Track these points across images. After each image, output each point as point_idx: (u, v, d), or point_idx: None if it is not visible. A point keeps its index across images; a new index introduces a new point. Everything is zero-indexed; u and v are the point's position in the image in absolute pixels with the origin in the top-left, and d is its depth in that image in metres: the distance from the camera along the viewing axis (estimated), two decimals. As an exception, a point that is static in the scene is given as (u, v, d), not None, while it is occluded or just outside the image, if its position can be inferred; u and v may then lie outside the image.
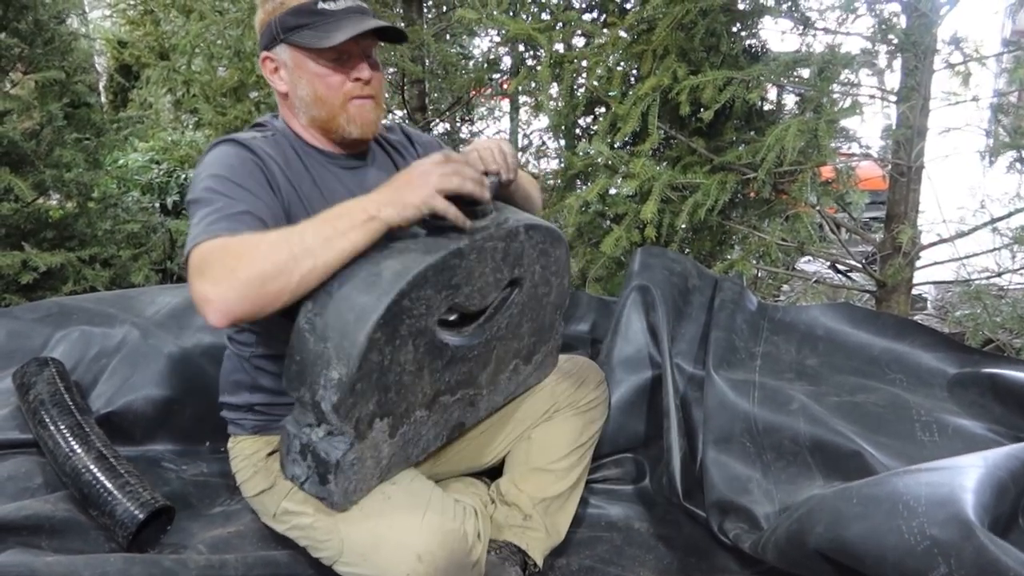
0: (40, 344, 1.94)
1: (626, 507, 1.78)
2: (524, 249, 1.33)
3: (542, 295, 1.45)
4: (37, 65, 3.18)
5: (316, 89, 1.37)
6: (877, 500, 1.13)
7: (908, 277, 2.79)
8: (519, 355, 1.49)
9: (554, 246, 1.41)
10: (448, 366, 1.30)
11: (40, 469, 1.58)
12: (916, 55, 2.55)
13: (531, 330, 1.48)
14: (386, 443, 1.27)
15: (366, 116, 1.40)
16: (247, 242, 1.11)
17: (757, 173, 2.54)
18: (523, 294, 1.38)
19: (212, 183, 1.24)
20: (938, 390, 1.81)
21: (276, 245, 1.09)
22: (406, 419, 1.28)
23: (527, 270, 1.37)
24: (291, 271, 1.07)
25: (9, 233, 3.06)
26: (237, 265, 1.07)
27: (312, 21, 1.33)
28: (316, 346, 1.14)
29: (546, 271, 1.42)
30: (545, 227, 1.37)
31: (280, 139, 1.41)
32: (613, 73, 2.88)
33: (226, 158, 1.30)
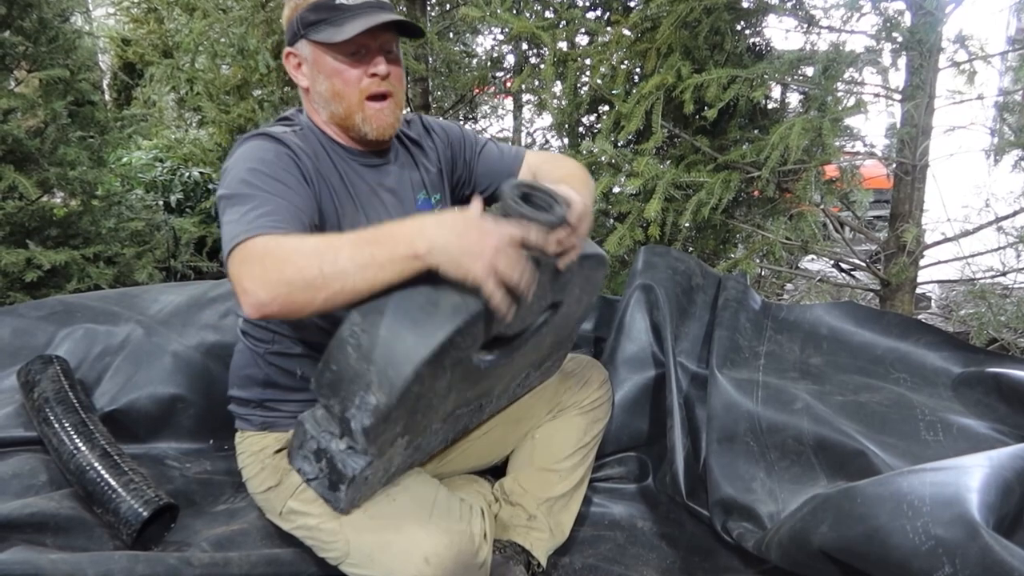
0: (44, 342, 1.94)
1: (629, 506, 1.78)
2: (572, 277, 1.30)
3: (573, 312, 1.44)
4: (41, 63, 3.18)
5: (333, 84, 1.37)
6: (881, 500, 1.12)
7: (912, 276, 2.78)
8: (533, 365, 1.49)
9: (597, 270, 1.39)
10: (475, 384, 1.29)
11: (44, 467, 1.59)
12: (921, 53, 2.54)
13: (553, 343, 1.47)
14: (400, 455, 1.27)
15: (383, 119, 1.39)
16: (285, 247, 1.10)
17: (761, 172, 2.54)
18: (558, 315, 1.36)
19: (249, 176, 1.23)
20: (942, 389, 1.81)
21: (310, 258, 1.06)
22: (423, 434, 1.28)
23: (569, 294, 1.35)
24: (318, 288, 1.06)
25: (13, 231, 3.06)
26: (272, 268, 1.07)
27: (329, 16, 1.33)
28: (358, 364, 1.10)
29: (583, 292, 1.41)
30: (596, 255, 1.35)
31: (307, 133, 1.41)
32: (617, 71, 2.87)
33: (261, 152, 1.29)
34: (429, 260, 1.06)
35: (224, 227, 1.18)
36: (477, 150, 1.61)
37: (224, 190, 1.25)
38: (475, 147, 1.61)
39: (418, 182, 1.52)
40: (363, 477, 1.22)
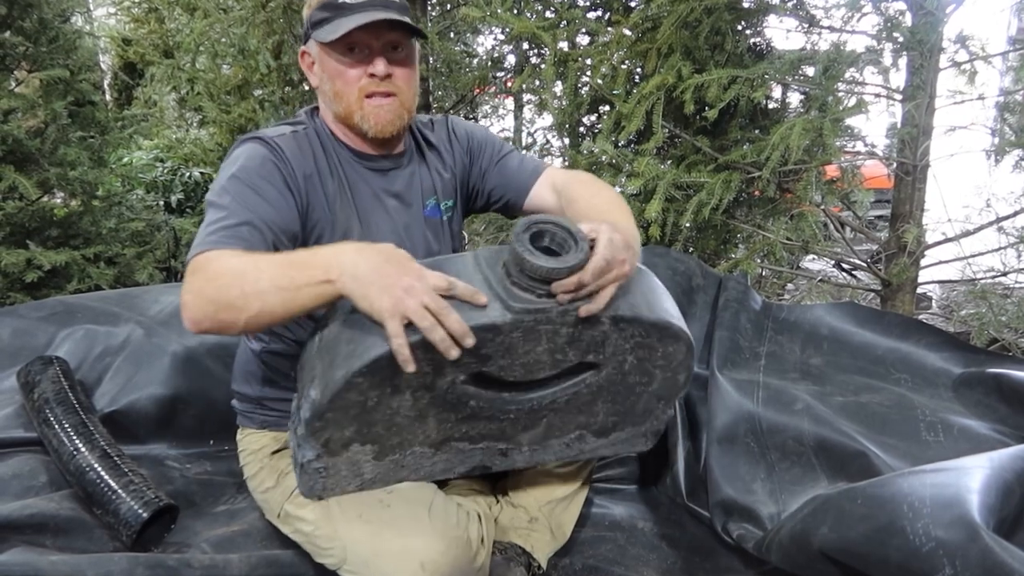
0: (45, 342, 1.94)
1: (630, 507, 1.78)
2: (608, 338, 1.15)
3: (635, 383, 1.27)
4: (42, 63, 3.18)
5: (335, 84, 1.36)
6: (882, 501, 1.12)
7: (913, 276, 2.78)
8: (588, 428, 1.34)
9: (664, 342, 1.20)
10: (467, 420, 1.23)
11: (44, 468, 1.58)
12: (922, 53, 2.54)
13: (610, 411, 1.32)
14: (369, 463, 1.24)
15: (381, 116, 1.37)
16: (217, 265, 1.11)
17: (762, 172, 2.54)
18: (602, 378, 1.23)
19: (227, 184, 1.26)
20: (943, 390, 1.81)
21: (233, 278, 1.08)
22: (400, 450, 1.24)
23: (610, 358, 1.20)
24: (240, 309, 1.07)
25: (14, 231, 3.06)
26: (204, 287, 1.10)
27: (332, 15, 1.33)
28: (311, 359, 1.12)
29: (645, 363, 1.23)
30: (650, 322, 1.16)
31: (312, 135, 1.40)
32: (617, 71, 2.87)
33: (246, 159, 1.29)
34: (340, 287, 1.04)
35: (202, 228, 1.21)
36: (496, 159, 1.56)
37: (208, 194, 1.28)
38: (494, 156, 1.56)
39: (429, 187, 1.50)
40: (313, 468, 1.20)
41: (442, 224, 1.53)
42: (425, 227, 1.49)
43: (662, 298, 1.21)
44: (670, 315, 1.20)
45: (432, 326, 1.00)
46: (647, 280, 1.22)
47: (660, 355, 1.23)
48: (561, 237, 1.09)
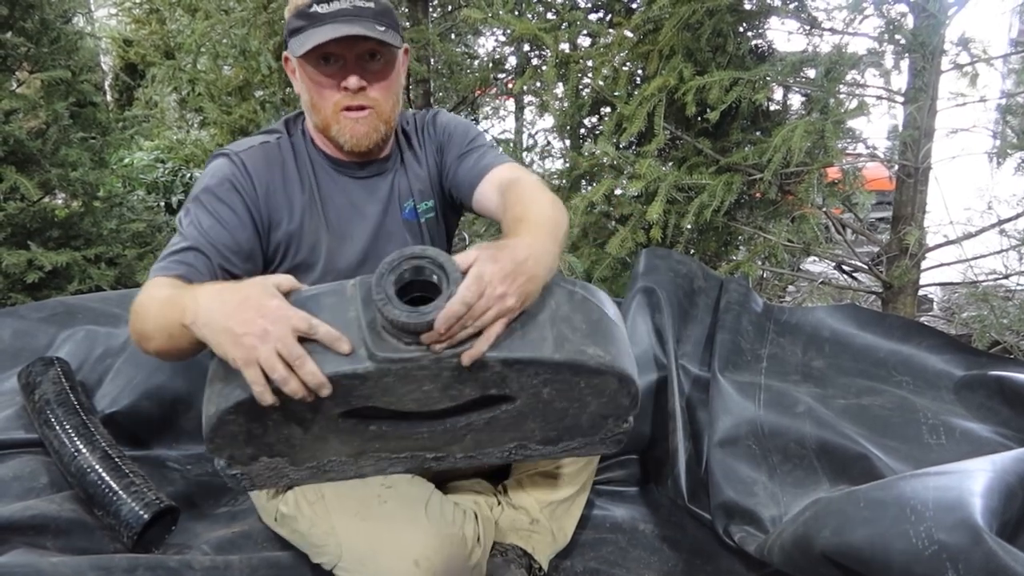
0: (45, 343, 1.94)
1: (631, 509, 1.78)
2: (507, 377, 1.03)
3: (565, 407, 1.14)
4: (43, 64, 3.19)
5: (311, 95, 1.34)
6: (884, 504, 1.12)
7: (915, 278, 2.78)
8: (526, 439, 1.23)
9: (581, 377, 1.06)
10: (376, 439, 1.16)
11: (45, 469, 1.58)
12: (924, 56, 2.54)
13: (546, 427, 1.20)
14: (288, 468, 1.21)
15: (357, 129, 1.33)
16: (140, 299, 1.16)
17: (763, 174, 2.53)
18: (518, 406, 1.10)
19: (190, 205, 1.30)
20: (945, 393, 1.80)
21: (137, 316, 1.14)
22: (315, 460, 1.20)
23: (522, 391, 1.07)
24: (146, 341, 1.14)
25: (15, 232, 3.06)
26: (134, 317, 1.16)
27: (306, 24, 1.28)
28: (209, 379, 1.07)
29: (570, 393, 1.10)
30: (554, 363, 1.01)
31: (285, 145, 1.38)
32: (619, 73, 2.87)
33: (210, 178, 1.32)
34: (196, 332, 1.01)
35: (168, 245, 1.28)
36: (459, 154, 1.48)
37: (181, 211, 1.33)
38: (460, 149, 1.48)
39: (406, 190, 1.47)
40: (231, 475, 1.17)
41: (420, 227, 1.49)
42: (405, 231, 1.47)
43: (581, 324, 1.05)
44: (585, 350, 1.03)
45: (284, 378, 0.93)
46: (563, 304, 1.06)
47: (584, 387, 1.08)
48: (431, 272, 0.98)
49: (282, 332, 0.93)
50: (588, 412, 1.16)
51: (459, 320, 0.94)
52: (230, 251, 1.27)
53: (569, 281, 1.10)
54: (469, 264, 0.97)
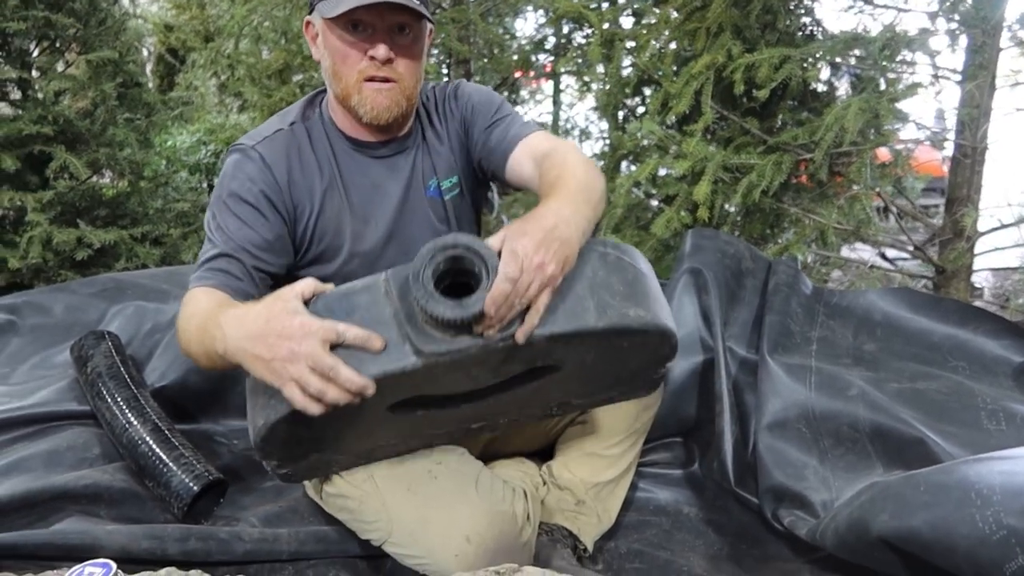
0: (96, 318, 1.97)
1: (676, 492, 1.76)
2: (553, 350, 1.04)
3: (607, 369, 1.16)
4: (91, 45, 3.23)
5: (334, 61, 1.29)
6: (947, 488, 1.09)
7: (968, 263, 2.70)
8: (569, 396, 1.27)
9: (624, 338, 1.06)
10: (423, 423, 1.17)
11: (98, 440, 1.61)
12: (984, 31, 2.45)
13: (587, 387, 1.24)
14: (339, 457, 1.22)
15: (378, 101, 1.28)
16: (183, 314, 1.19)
17: (813, 154, 2.47)
18: (567, 372, 1.11)
19: (215, 209, 1.31)
20: (1003, 379, 1.75)
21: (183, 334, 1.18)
22: (364, 448, 1.22)
23: (567, 359, 1.08)
24: (197, 360, 1.17)
25: (64, 211, 3.12)
26: (180, 335, 1.20)
27: None
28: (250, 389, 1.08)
29: (613, 354, 1.11)
30: (599, 330, 1.01)
31: (300, 131, 1.35)
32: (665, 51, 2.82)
33: (230, 180, 1.31)
34: (230, 358, 1.03)
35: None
36: (487, 126, 1.42)
37: (207, 214, 1.33)
38: (487, 120, 1.42)
39: (429, 168, 1.43)
40: (280, 473, 1.20)
41: (444, 205, 1.44)
42: (429, 210, 1.43)
43: (619, 287, 1.03)
44: (627, 313, 1.02)
45: (321, 390, 0.93)
46: (599, 269, 1.04)
47: (628, 347, 1.09)
48: (467, 260, 0.96)
49: (310, 348, 0.93)
50: (630, 368, 1.17)
51: (507, 299, 0.93)
52: (261, 250, 1.27)
53: (599, 242, 1.08)
54: (500, 244, 0.96)
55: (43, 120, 2.97)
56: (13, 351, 1.93)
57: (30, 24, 2.99)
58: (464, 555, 1.21)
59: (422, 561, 1.26)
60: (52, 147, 2.99)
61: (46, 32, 3.16)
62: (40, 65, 3.23)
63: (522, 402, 1.19)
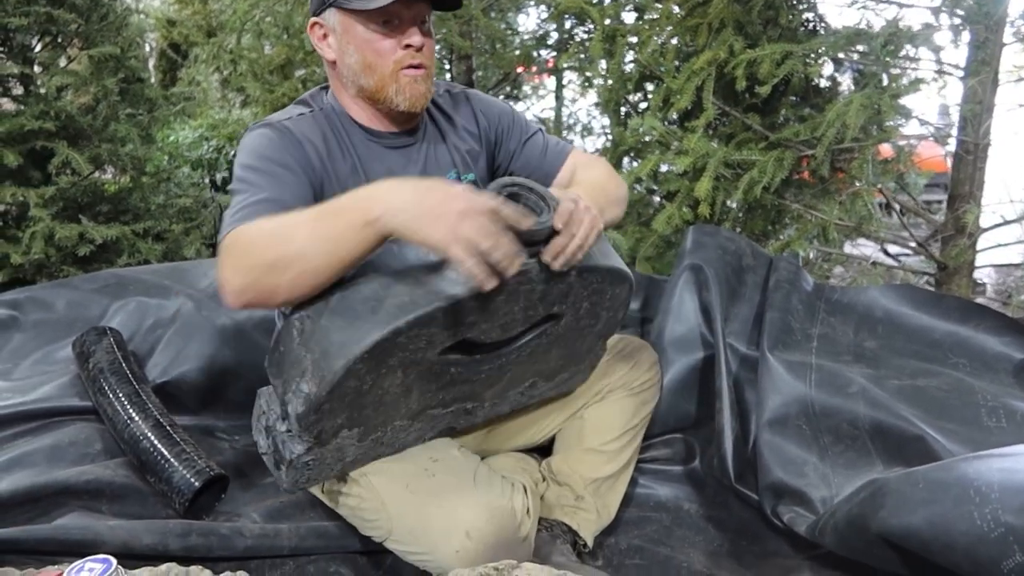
0: (98, 314, 1.98)
1: (676, 488, 1.76)
2: (572, 289, 1.21)
3: (585, 326, 1.34)
4: (93, 41, 3.23)
5: (365, 56, 1.30)
6: (946, 485, 1.09)
7: (971, 259, 2.69)
8: (540, 375, 1.40)
9: (614, 285, 1.28)
10: (445, 387, 1.24)
11: (100, 436, 1.62)
12: (987, 27, 2.44)
13: (562, 355, 1.38)
14: (353, 446, 1.24)
15: (416, 89, 1.32)
16: (249, 233, 1.09)
17: (815, 151, 2.47)
18: (561, 327, 1.27)
19: (242, 172, 1.24)
20: (1004, 375, 1.75)
21: (269, 239, 1.06)
22: (382, 428, 1.24)
23: (571, 306, 1.25)
24: (281, 269, 1.04)
25: (67, 206, 3.12)
26: (239, 256, 1.08)
27: None
28: (299, 350, 1.08)
29: (596, 307, 1.31)
30: (605, 268, 1.23)
31: (320, 117, 1.36)
32: (667, 47, 2.81)
33: (257, 145, 1.27)
34: (384, 225, 1.00)
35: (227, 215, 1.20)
36: (523, 139, 1.53)
37: (233, 183, 1.27)
38: (522, 135, 1.53)
39: (448, 161, 1.46)
40: (303, 463, 1.19)
41: None
42: None
43: (606, 244, 1.28)
44: (618, 259, 1.28)
45: (495, 244, 0.97)
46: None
47: (609, 297, 1.30)
48: (534, 201, 1.10)
49: (476, 210, 0.98)
50: (595, 331, 1.38)
51: (570, 217, 1.09)
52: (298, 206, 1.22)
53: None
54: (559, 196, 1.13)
55: (45, 116, 2.97)
56: (15, 347, 1.94)
57: (32, 19, 2.99)
58: (465, 551, 1.21)
59: (423, 558, 1.27)
60: (54, 143, 2.98)
61: (48, 27, 3.16)
62: (42, 60, 3.22)
63: (513, 371, 1.31)
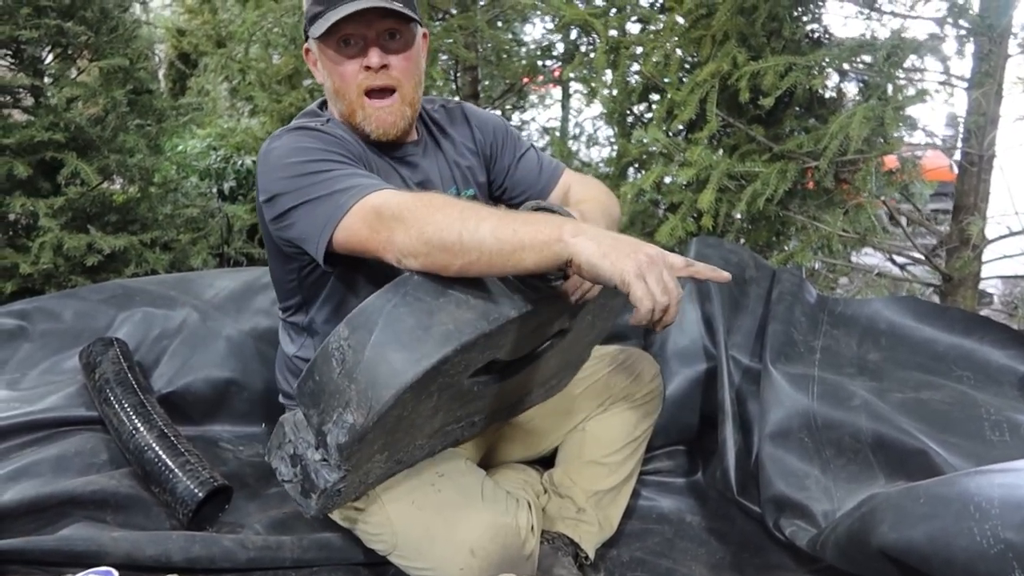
0: (105, 324, 1.99)
1: (678, 500, 1.77)
2: (582, 306, 1.23)
3: (583, 337, 1.39)
4: (102, 52, 3.26)
5: (334, 81, 1.32)
6: (946, 500, 1.09)
7: (976, 271, 2.68)
8: (536, 383, 1.44)
9: (613, 298, 1.31)
10: (464, 404, 1.25)
11: (105, 446, 1.63)
12: (991, 39, 2.44)
13: (558, 364, 1.42)
14: (378, 468, 1.25)
15: (383, 119, 1.32)
16: (426, 202, 1.08)
17: (819, 162, 2.47)
18: (565, 340, 1.31)
19: (308, 167, 1.20)
20: (1008, 388, 1.74)
21: (452, 221, 1.04)
22: (404, 449, 1.25)
23: (578, 321, 1.29)
24: (456, 253, 1.04)
25: (75, 216, 3.14)
26: (414, 223, 1.06)
27: (324, 8, 1.27)
28: (340, 380, 1.08)
29: (596, 319, 1.35)
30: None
31: (334, 127, 1.37)
32: (670, 59, 2.82)
33: (306, 144, 1.25)
34: (573, 248, 0.99)
35: (308, 215, 1.16)
36: (517, 155, 1.55)
37: (276, 188, 1.22)
38: (516, 151, 1.55)
39: (448, 176, 1.48)
40: (335, 490, 1.20)
41: None
42: None
43: None
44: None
45: (669, 301, 0.97)
46: None
47: (608, 309, 1.35)
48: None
49: (663, 262, 0.99)
50: (589, 340, 1.44)
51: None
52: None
53: None
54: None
55: (55, 127, 3.00)
56: (23, 356, 1.95)
57: (43, 32, 3.02)
58: (469, 568, 1.22)
59: (427, 573, 1.28)
60: (64, 153, 3.01)
61: (58, 40, 3.19)
62: (52, 72, 3.25)
63: (518, 383, 1.33)
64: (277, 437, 1.25)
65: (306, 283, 1.38)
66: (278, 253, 1.36)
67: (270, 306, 2.01)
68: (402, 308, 1.06)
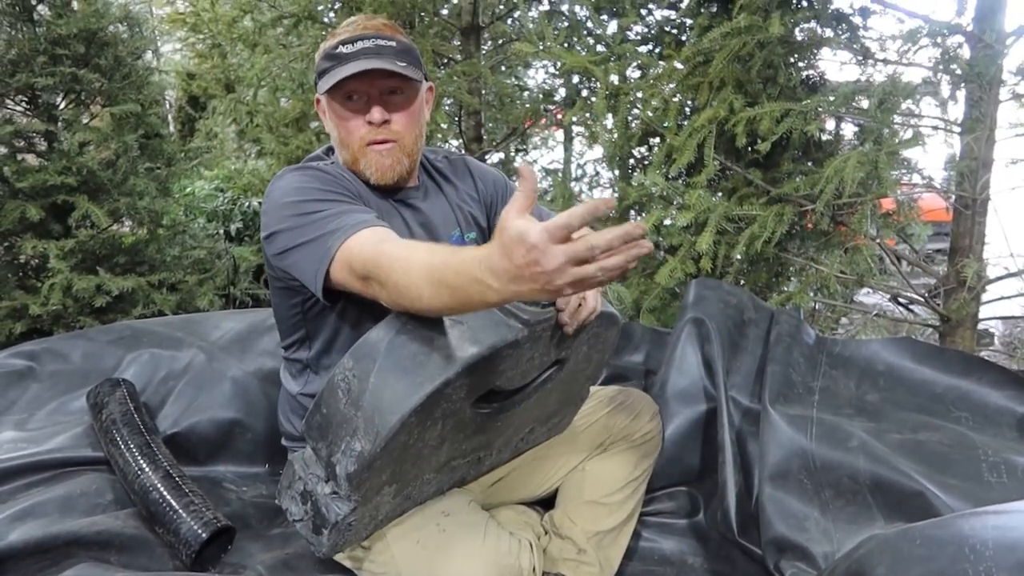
0: (112, 365, 2.01)
1: (679, 541, 1.77)
2: (581, 335, 1.29)
3: (580, 370, 1.42)
4: (115, 99, 3.35)
5: (339, 132, 1.41)
6: (942, 542, 1.10)
7: (973, 312, 2.71)
8: (538, 420, 1.46)
9: (607, 328, 1.36)
10: (469, 437, 1.28)
11: (111, 486, 1.64)
12: (981, 86, 2.50)
13: (559, 400, 1.45)
14: (388, 503, 1.27)
15: (382, 162, 1.39)
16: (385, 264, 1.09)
17: (815, 205, 2.51)
18: (564, 372, 1.34)
19: (304, 207, 1.26)
20: (1007, 429, 1.75)
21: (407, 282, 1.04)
22: (413, 483, 1.27)
23: (574, 351, 1.32)
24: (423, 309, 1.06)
25: (85, 258, 3.20)
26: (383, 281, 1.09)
27: (332, 65, 1.36)
28: (347, 409, 1.12)
29: (592, 350, 1.38)
30: (606, 313, 1.32)
31: (335, 170, 1.43)
32: (669, 104, 2.88)
33: (307, 183, 1.32)
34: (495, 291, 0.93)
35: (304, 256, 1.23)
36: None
37: (277, 226, 1.28)
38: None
39: (451, 219, 1.53)
40: (346, 523, 1.22)
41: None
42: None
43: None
44: (607, 304, 1.35)
45: (595, 271, 0.83)
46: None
47: (602, 341, 1.38)
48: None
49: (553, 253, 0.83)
50: (586, 375, 1.46)
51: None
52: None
53: None
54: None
55: (67, 171, 3.07)
56: (31, 397, 1.97)
57: (58, 79, 3.11)
58: None
59: (430, 612, 1.28)
60: (75, 197, 3.07)
61: (72, 86, 3.28)
62: (66, 118, 3.33)
63: (520, 418, 1.35)
64: (287, 477, 1.27)
65: (309, 316, 1.43)
66: (282, 287, 1.42)
67: (275, 347, 2.03)
68: (403, 336, 1.11)
